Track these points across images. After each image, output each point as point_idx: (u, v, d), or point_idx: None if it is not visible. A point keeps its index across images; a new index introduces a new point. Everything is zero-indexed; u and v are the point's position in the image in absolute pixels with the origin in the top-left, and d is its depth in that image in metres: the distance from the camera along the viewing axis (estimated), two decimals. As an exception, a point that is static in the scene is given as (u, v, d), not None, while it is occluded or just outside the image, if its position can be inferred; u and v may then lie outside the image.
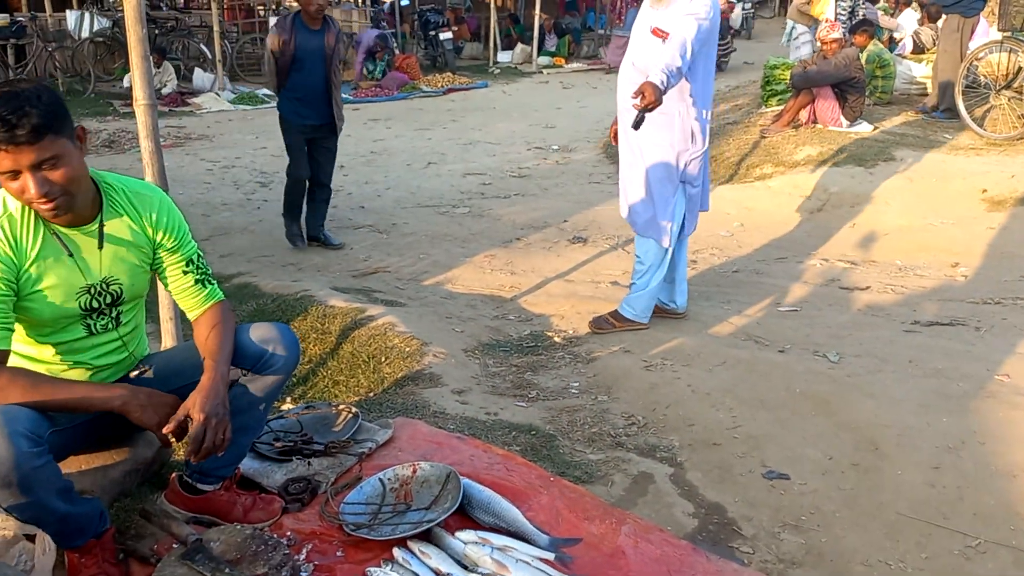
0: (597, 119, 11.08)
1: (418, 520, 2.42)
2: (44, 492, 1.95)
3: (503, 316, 4.76)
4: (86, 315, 2.18)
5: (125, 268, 2.22)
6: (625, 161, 4.27)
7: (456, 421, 3.18)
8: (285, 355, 2.35)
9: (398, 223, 6.74)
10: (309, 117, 5.75)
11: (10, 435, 1.86)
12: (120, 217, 2.19)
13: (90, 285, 2.16)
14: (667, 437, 3.21)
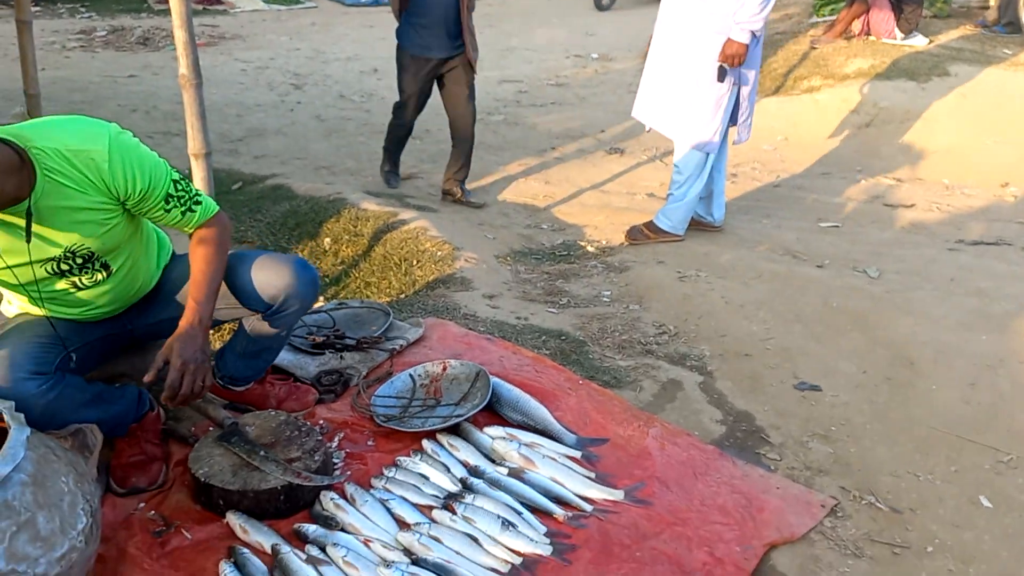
0: (639, 27, 10.71)
1: (447, 415, 2.45)
2: (69, 412, 2.00)
3: (536, 225, 4.73)
4: (60, 276, 2.01)
5: (83, 233, 1.96)
6: (665, 69, 4.13)
7: (486, 324, 3.19)
8: (300, 300, 2.24)
9: (432, 129, 6.64)
10: (435, 48, 4.73)
11: (14, 382, 1.89)
12: (62, 186, 1.88)
13: (47, 259, 1.95)
14: (698, 347, 3.19)
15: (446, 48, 4.74)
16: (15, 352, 1.94)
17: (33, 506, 1.54)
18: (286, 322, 2.30)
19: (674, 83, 4.10)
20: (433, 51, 4.75)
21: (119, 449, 2.19)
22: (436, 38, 4.71)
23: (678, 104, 4.09)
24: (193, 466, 2.09)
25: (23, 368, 1.92)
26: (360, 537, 2.00)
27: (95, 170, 1.91)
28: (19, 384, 1.89)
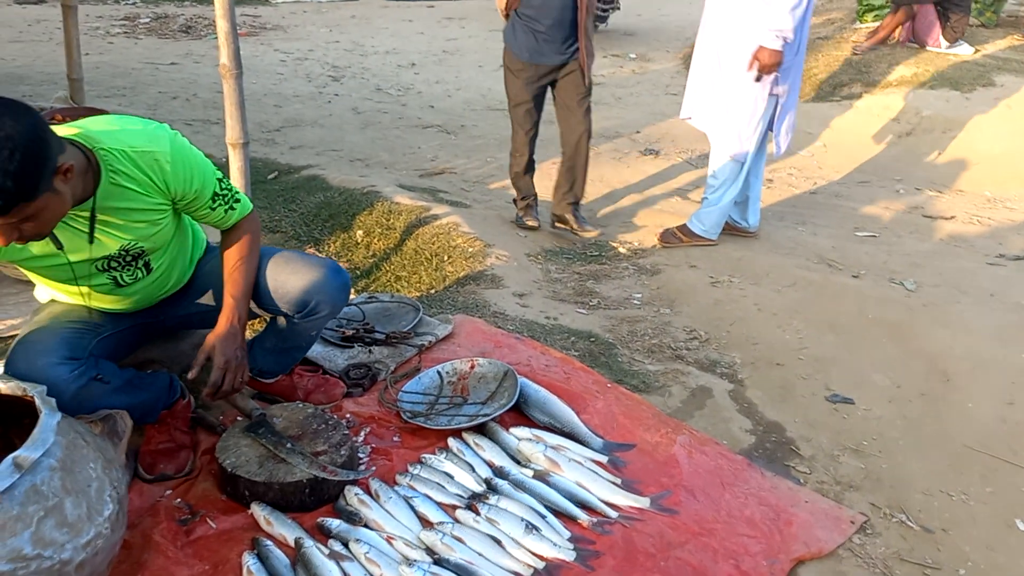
0: (678, 27, 10.65)
1: (474, 413, 2.44)
2: (101, 398, 2.02)
3: (569, 224, 4.70)
4: (105, 272, 2.03)
5: (138, 234, 2.00)
6: (708, 69, 4.08)
7: (515, 323, 3.17)
8: (331, 306, 2.24)
9: (467, 125, 6.64)
10: (547, 54, 4.19)
11: (44, 368, 1.90)
12: (124, 188, 1.92)
13: (101, 257, 1.99)
14: (729, 353, 3.15)
15: (560, 53, 4.20)
16: (49, 337, 1.96)
17: (61, 492, 1.55)
18: (316, 325, 2.31)
19: (713, 86, 4.05)
20: (546, 57, 4.20)
21: (148, 436, 2.21)
22: (550, 42, 4.16)
23: (716, 107, 4.05)
24: (220, 456, 2.09)
25: (56, 353, 1.94)
26: (383, 534, 1.99)
27: (158, 171, 1.95)
28: (52, 369, 1.90)
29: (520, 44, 4.22)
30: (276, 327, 2.32)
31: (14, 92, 6.36)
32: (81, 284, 2.04)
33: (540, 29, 4.13)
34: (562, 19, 4.12)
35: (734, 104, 3.96)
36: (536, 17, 4.12)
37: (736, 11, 3.82)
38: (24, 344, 1.96)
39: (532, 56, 4.21)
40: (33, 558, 1.47)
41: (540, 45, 4.17)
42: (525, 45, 4.20)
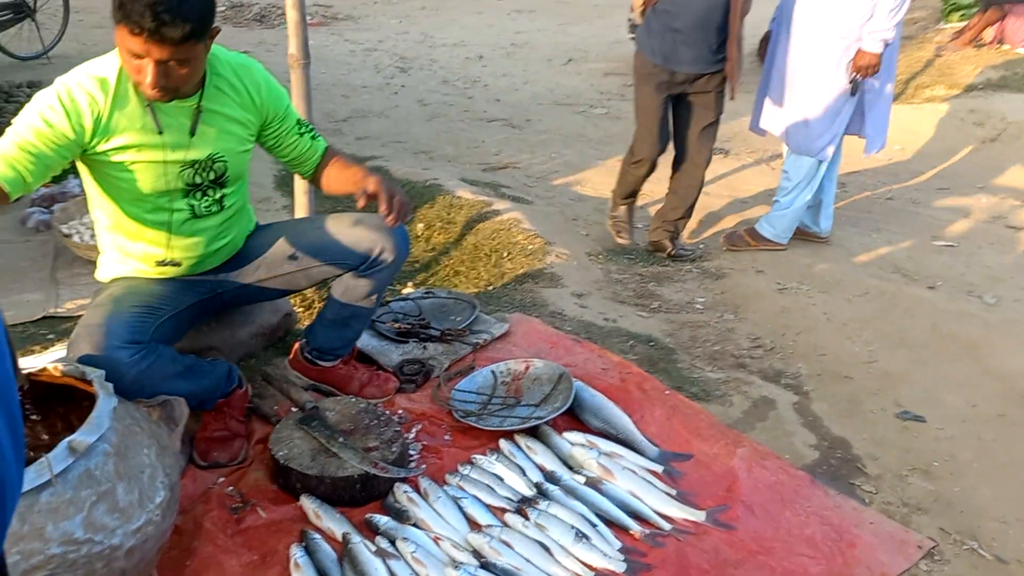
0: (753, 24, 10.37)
1: (527, 415, 2.40)
2: (159, 383, 2.02)
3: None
4: (189, 191, 2.09)
5: (228, 145, 2.10)
6: (783, 70, 3.95)
7: (573, 323, 3.12)
8: (394, 256, 2.28)
9: (532, 119, 6.59)
10: (684, 61, 3.64)
11: (107, 349, 1.91)
12: (225, 95, 2.07)
13: (195, 161, 2.05)
14: (794, 364, 3.05)
15: (700, 62, 3.64)
16: (111, 320, 1.97)
17: (114, 477, 1.56)
18: (378, 280, 2.31)
19: (790, 85, 3.92)
20: (682, 63, 3.65)
21: (205, 423, 2.23)
22: (689, 46, 3.60)
23: (792, 108, 3.92)
24: (273, 447, 2.10)
25: (118, 336, 1.95)
26: (431, 534, 1.97)
27: (254, 85, 2.13)
28: (113, 352, 1.92)
29: (654, 45, 3.68)
30: (335, 295, 2.34)
31: (94, 77, 6.55)
32: (166, 204, 2.06)
33: (678, 28, 3.58)
34: (707, 19, 3.52)
35: (810, 105, 3.83)
36: (675, 13, 3.56)
37: (822, 10, 3.69)
38: (87, 327, 1.98)
39: (667, 60, 3.65)
40: (84, 542, 1.48)
41: (677, 48, 3.61)
42: (660, 47, 3.66)
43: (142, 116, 1.96)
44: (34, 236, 3.82)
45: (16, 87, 5.80)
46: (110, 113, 1.92)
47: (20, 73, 6.64)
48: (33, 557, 1.43)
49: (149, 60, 1.81)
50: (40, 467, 1.47)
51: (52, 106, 1.86)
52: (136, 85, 1.91)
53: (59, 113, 1.85)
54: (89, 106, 1.89)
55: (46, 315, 3.12)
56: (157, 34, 1.76)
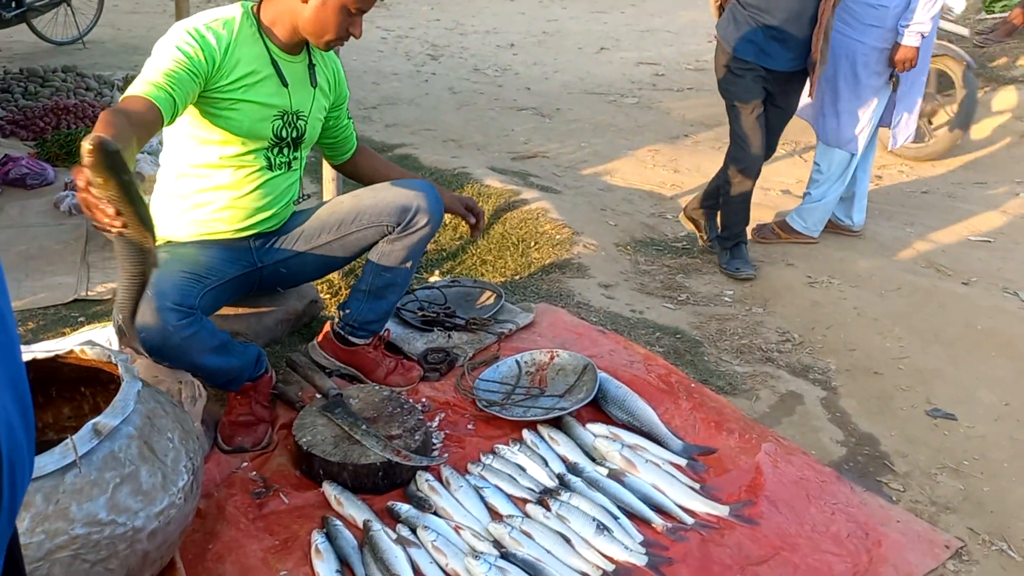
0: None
1: (550, 406, 2.38)
2: (197, 354, 2.04)
3: (660, 214, 4.58)
4: (272, 144, 2.23)
5: (314, 108, 2.30)
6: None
7: (599, 314, 3.10)
8: (429, 215, 2.34)
9: (563, 108, 6.55)
10: (776, 58, 3.37)
11: (159, 310, 1.93)
12: (320, 64, 2.32)
13: (285, 112, 2.21)
14: (823, 359, 3.00)
15: (792, 59, 3.40)
16: (161, 281, 1.97)
17: (138, 459, 1.57)
18: (413, 245, 2.36)
19: (823, 77, 3.85)
20: (773, 59, 3.39)
21: (230, 407, 2.24)
22: (781, 43, 3.34)
23: (824, 99, 3.85)
24: (297, 433, 2.11)
25: (169, 297, 1.97)
26: (451, 523, 1.96)
27: (334, 65, 2.38)
28: (164, 312, 1.94)
29: (743, 40, 3.39)
30: (372, 263, 2.39)
31: (128, 62, 6.61)
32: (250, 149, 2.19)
33: (771, 23, 3.31)
34: (801, 11, 3.27)
35: (844, 96, 3.77)
36: (766, 8, 3.31)
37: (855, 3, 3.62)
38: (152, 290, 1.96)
39: (758, 57, 3.39)
40: (107, 523, 1.49)
41: (768, 44, 3.35)
42: (750, 42, 3.38)
43: (265, 57, 2.15)
44: (67, 219, 3.87)
45: (52, 71, 5.88)
46: (236, 47, 2.09)
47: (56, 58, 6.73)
48: (58, 537, 1.44)
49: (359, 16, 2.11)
50: (65, 448, 1.48)
51: (187, 40, 2.00)
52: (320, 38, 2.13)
53: (194, 46, 2.00)
54: (217, 40, 2.05)
55: (77, 298, 3.16)
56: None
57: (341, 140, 2.50)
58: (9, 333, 0.65)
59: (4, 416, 0.62)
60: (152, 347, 1.96)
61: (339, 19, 2.07)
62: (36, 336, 2.88)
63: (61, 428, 1.94)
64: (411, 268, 2.44)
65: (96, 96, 5.53)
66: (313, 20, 2.09)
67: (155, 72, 1.93)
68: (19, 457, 0.64)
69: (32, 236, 3.70)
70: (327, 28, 2.09)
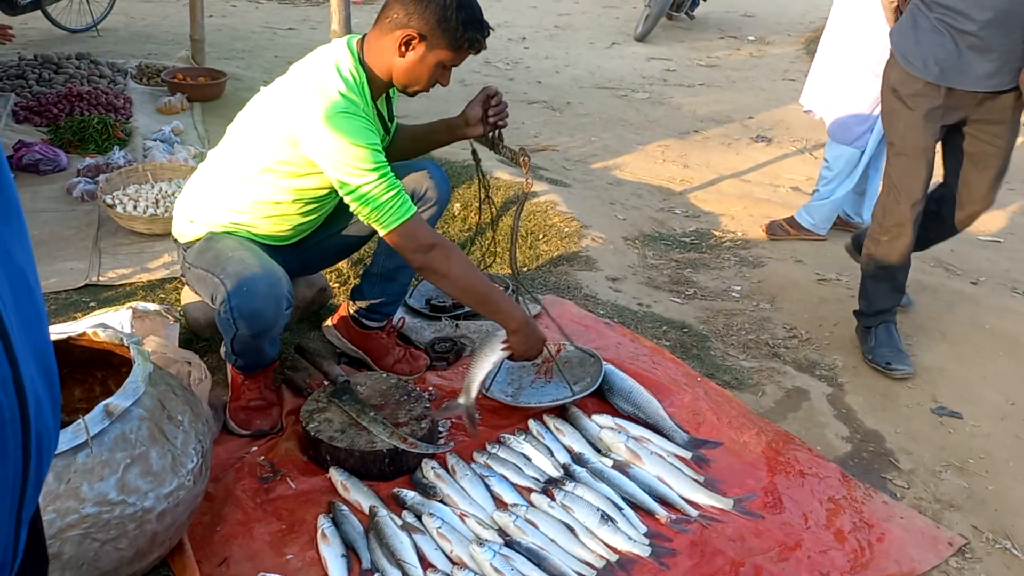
0: (802, 11, 10.21)
1: (555, 396, 2.39)
2: (268, 344, 2.12)
3: (669, 209, 4.58)
4: None
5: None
6: (829, 51, 3.88)
7: (606, 307, 3.11)
8: (437, 192, 2.38)
9: (573, 102, 6.55)
10: (971, 75, 2.58)
11: (277, 298, 1.98)
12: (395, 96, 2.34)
13: None
14: (830, 355, 3.01)
15: (997, 75, 2.56)
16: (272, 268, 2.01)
17: (148, 441, 1.59)
18: None
19: (836, 71, 3.85)
20: (968, 77, 2.59)
21: (238, 392, 2.26)
22: (981, 53, 2.54)
23: (835, 93, 3.85)
24: (305, 419, 2.13)
25: (285, 286, 2.01)
26: (456, 511, 1.98)
27: None
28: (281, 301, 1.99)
29: (925, 52, 2.63)
30: (382, 243, 2.38)
31: (141, 50, 6.63)
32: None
33: (968, 29, 2.52)
34: (1010, 11, 2.46)
35: (855, 92, 3.76)
36: (962, 10, 2.52)
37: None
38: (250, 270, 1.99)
39: (944, 74, 2.61)
40: (117, 503, 1.52)
41: (962, 56, 2.56)
42: (934, 54, 2.61)
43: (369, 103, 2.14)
44: (79, 205, 3.89)
45: (66, 58, 5.90)
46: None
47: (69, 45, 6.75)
48: (68, 516, 1.47)
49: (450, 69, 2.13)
50: (77, 428, 1.51)
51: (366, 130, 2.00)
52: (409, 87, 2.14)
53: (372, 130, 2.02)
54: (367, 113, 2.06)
55: (88, 283, 3.18)
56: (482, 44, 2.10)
57: None
58: (37, 307, 0.67)
59: (32, 387, 0.63)
60: (256, 330, 2.01)
61: (432, 73, 2.09)
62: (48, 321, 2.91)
63: (72, 410, 1.96)
64: None
65: (109, 83, 5.55)
66: (407, 72, 2.08)
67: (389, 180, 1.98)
68: (45, 429, 0.65)
69: (43, 221, 3.72)
70: (420, 80, 2.11)
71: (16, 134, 4.69)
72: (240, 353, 2.12)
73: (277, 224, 2.22)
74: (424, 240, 2.00)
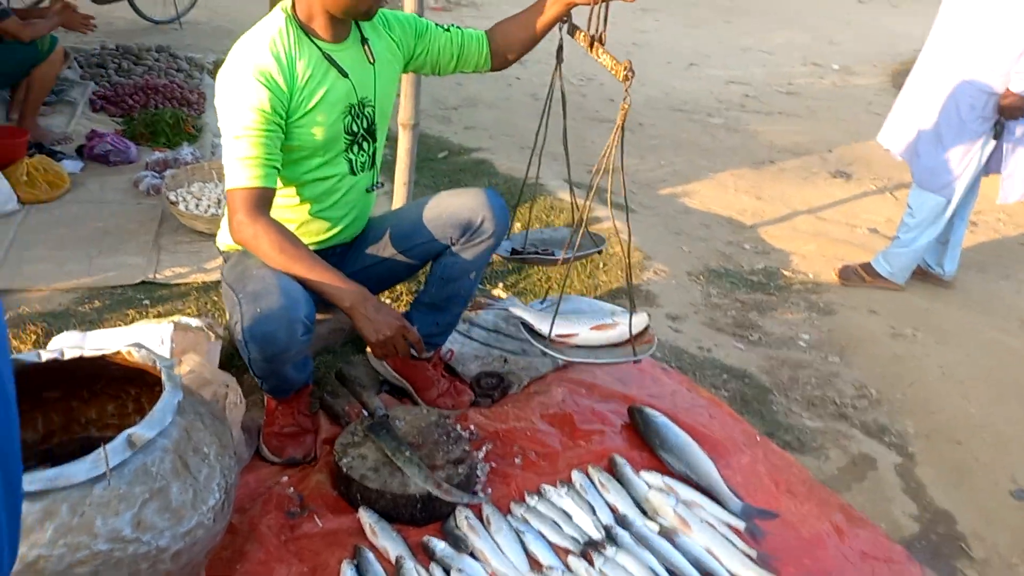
0: (890, 42, 9.85)
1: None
2: (291, 368, 2.01)
3: (738, 243, 4.40)
4: (349, 143, 2.12)
5: (382, 86, 2.16)
6: (919, 88, 3.66)
7: (664, 348, 2.96)
8: (494, 224, 2.26)
9: (645, 124, 6.39)
10: None
11: (291, 322, 1.87)
12: (375, 31, 2.15)
13: (350, 106, 2.09)
14: (901, 420, 2.81)
15: None
16: (291, 289, 1.90)
17: (170, 475, 1.51)
18: (477, 254, 2.27)
19: (926, 112, 3.63)
20: None
21: (272, 417, 2.18)
22: None
23: (921, 136, 3.63)
24: (338, 453, 2.04)
25: (301, 310, 1.89)
26: (488, 567, 1.86)
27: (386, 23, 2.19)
28: (295, 325, 1.88)
29: None
30: (433, 275, 2.32)
31: (220, 45, 6.69)
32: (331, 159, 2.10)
33: None
34: None
35: (941, 138, 3.54)
36: None
37: (974, 38, 3.39)
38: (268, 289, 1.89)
39: None
40: (131, 541, 1.44)
41: None
42: None
43: (319, 56, 2.01)
44: (144, 199, 3.90)
45: (146, 50, 5.98)
46: (295, 65, 1.96)
47: (152, 36, 6.86)
48: (79, 551, 1.39)
49: None
50: (97, 458, 1.43)
51: (258, 95, 1.90)
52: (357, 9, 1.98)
53: (266, 97, 1.90)
54: (281, 71, 1.93)
55: (145, 280, 3.16)
56: None
57: (466, 49, 2.28)
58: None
59: None
60: (269, 353, 1.91)
61: None
62: (101, 316, 2.89)
63: (104, 425, 1.91)
64: (475, 280, 2.36)
65: (186, 78, 5.60)
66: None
67: (245, 147, 1.89)
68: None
69: (109, 213, 3.74)
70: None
71: (91, 123, 4.75)
72: (262, 377, 2.03)
73: (315, 222, 2.18)
74: (242, 214, 1.91)
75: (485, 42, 2.28)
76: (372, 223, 2.38)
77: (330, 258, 2.27)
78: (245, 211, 1.91)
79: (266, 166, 1.92)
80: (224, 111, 1.93)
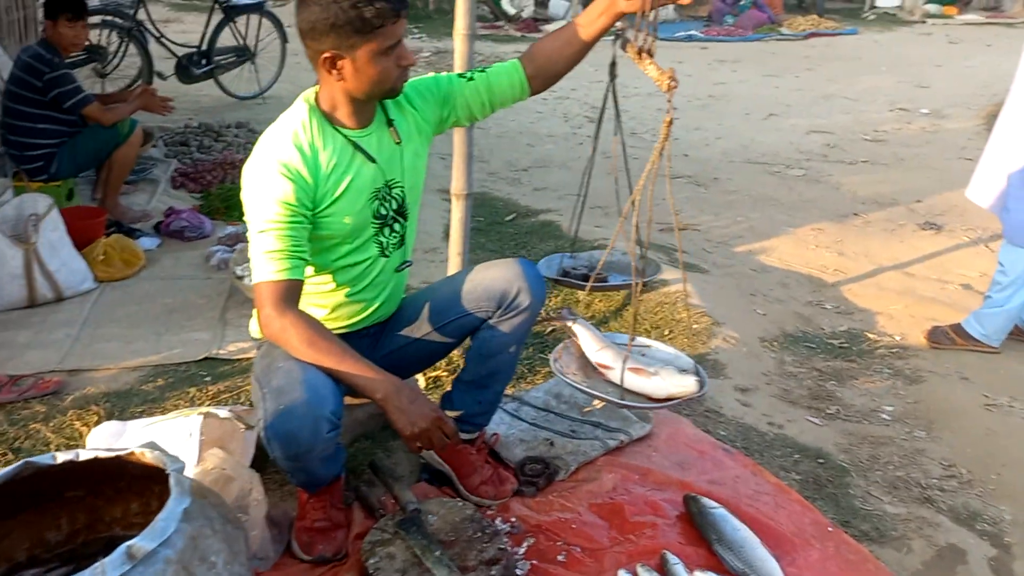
0: (984, 83, 9.41)
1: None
2: (319, 463, 1.96)
3: (818, 303, 4.16)
4: (379, 227, 2.09)
5: (407, 164, 2.13)
6: (1007, 135, 3.41)
7: (729, 427, 2.77)
8: (531, 297, 2.17)
9: (721, 178, 6.22)
10: None
11: (316, 420, 1.82)
12: (399, 109, 2.12)
13: (377, 189, 2.06)
14: (996, 505, 2.53)
15: None
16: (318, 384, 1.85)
17: (171, 589, 1.44)
18: (516, 328, 2.19)
19: (1014, 162, 3.37)
20: None
21: (304, 511, 2.10)
22: None
23: (1011, 189, 3.36)
24: (366, 553, 1.94)
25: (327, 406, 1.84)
26: None
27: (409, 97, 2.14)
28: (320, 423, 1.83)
29: None
30: (473, 350, 2.25)
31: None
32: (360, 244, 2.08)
33: None
34: None
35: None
36: None
37: None
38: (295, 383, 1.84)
39: None
40: (127, 665, 1.37)
41: None
42: None
43: (345, 144, 2.00)
44: (215, 273, 3.98)
45: (225, 127, 6.22)
46: (319, 155, 1.96)
47: (236, 112, 7.15)
48: (71, 675, 1.33)
49: (399, 42, 1.91)
50: (94, 572, 1.38)
51: (283, 188, 1.89)
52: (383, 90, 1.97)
53: (291, 190, 1.89)
54: (306, 164, 1.93)
55: (208, 356, 3.19)
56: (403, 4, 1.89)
57: (496, 88, 2.19)
58: None
59: None
60: (292, 452, 1.86)
61: (381, 68, 1.91)
62: (163, 394, 2.92)
63: (128, 524, 1.87)
64: (515, 353, 2.28)
65: (262, 151, 5.78)
66: (359, 85, 1.93)
67: (270, 240, 1.88)
68: None
69: (179, 289, 3.83)
70: (378, 81, 1.93)
71: (171, 199, 4.93)
72: (290, 472, 1.97)
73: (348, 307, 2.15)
74: (269, 308, 1.87)
75: (518, 71, 2.19)
76: (405, 302, 2.34)
77: (364, 340, 2.22)
78: (272, 305, 1.88)
79: (292, 258, 1.89)
80: (249, 205, 1.92)
